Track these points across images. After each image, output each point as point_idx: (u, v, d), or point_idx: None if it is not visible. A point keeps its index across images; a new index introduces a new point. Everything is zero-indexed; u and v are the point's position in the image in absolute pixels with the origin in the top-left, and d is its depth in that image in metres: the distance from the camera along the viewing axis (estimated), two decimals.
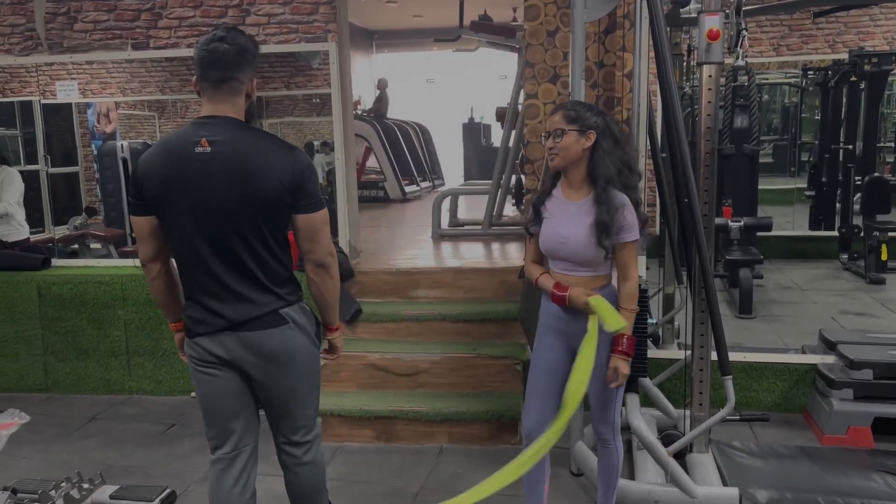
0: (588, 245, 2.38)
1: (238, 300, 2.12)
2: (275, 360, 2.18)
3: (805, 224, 6.54)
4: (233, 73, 2.09)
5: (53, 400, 4.47)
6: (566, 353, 2.52)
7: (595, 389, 2.52)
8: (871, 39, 6.12)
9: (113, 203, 5.86)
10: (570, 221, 2.42)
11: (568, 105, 2.48)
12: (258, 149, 2.08)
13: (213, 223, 2.07)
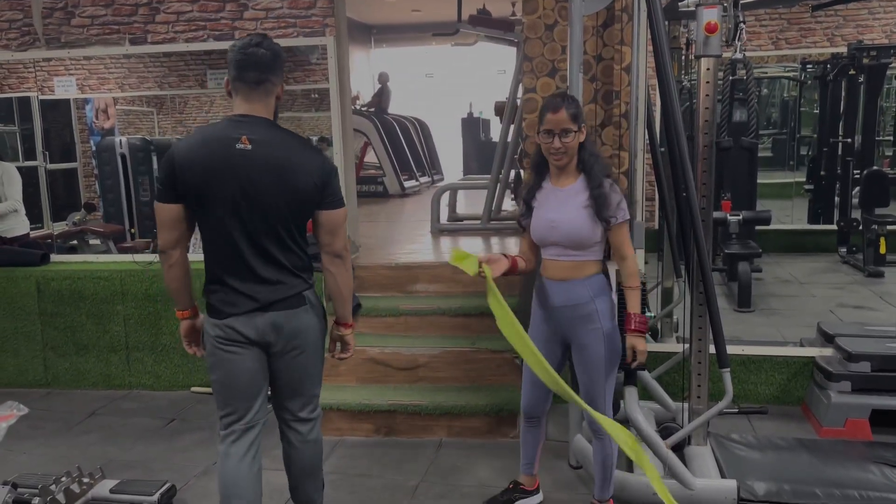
0: (581, 225, 2.46)
1: (267, 283, 2.29)
2: (296, 337, 2.35)
3: (804, 218, 6.55)
4: (268, 75, 2.27)
5: (53, 395, 4.48)
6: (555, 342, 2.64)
7: (583, 381, 2.60)
8: (870, 33, 6.11)
9: (112, 199, 5.86)
10: (561, 206, 2.51)
11: (567, 102, 2.50)
12: (293, 148, 2.28)
13: (250, 214, 2.23)
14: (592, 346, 2.54)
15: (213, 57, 5.04)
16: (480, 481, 3.19)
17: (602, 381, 2.57)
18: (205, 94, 5.80)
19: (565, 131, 2.46)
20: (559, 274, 2.55)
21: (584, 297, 2.53)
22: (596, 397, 2.59)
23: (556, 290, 2.56)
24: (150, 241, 5.63)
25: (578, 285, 2.53)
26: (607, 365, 2.56)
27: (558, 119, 2.46)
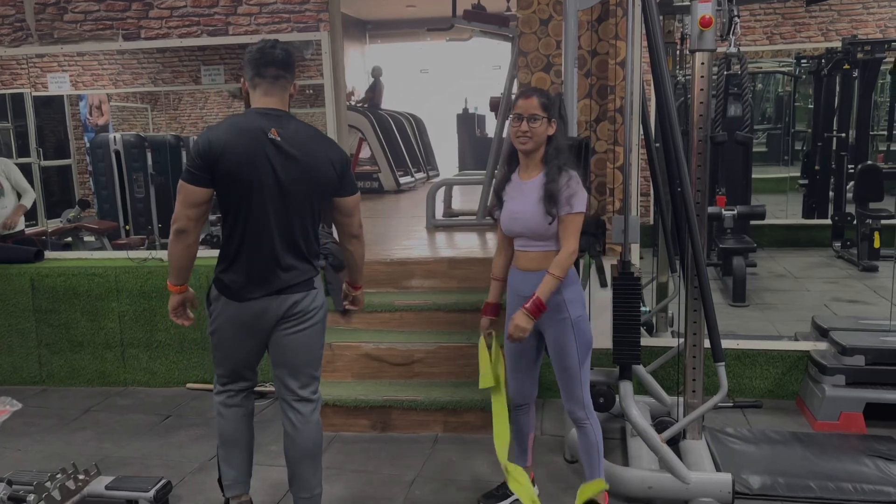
0: (536, 217, 2.51)
1: (285, 269, 2.46)
2: (304, 318, 2.52)
3: (798, 212, 6.55)
4: (284, 72, 2.47)
5: (48, 392, 4.47)
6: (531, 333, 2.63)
7: (557, 370, 2.66)
8: (864, 28, 6.11)
9: (106, 195, 5.85)
10: (523, 198, 2.58)
11: (542, 91, 2.61)
12: (315, 140, 2.48)
13: (281, 201, 2.41)
14: (562, 336, 2.60)
15: (208, 53, 5.02)
16: (476, 476, 3.19)
17: (576, 370, 2.62)
18: (199, 90, 5.78)
19: (533, 116, 2.52)
20: (528, 264, 2.61)
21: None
22: (572, 386, 2.64)
23: (525, 280, 2.61)
24: (144, 238, 5.62)
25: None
26: (579, 354, 2.61)
27: (528, 105, 2.53)
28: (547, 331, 2.64)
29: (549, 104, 2.55)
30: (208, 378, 4.41)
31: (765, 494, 2.90)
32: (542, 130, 2.54)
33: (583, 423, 2.67)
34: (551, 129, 2.56)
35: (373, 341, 3.89)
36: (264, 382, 4.28)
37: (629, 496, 2.90)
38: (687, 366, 3.14)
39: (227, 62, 5.15)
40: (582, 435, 2.71)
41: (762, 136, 7.19)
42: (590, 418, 2.67)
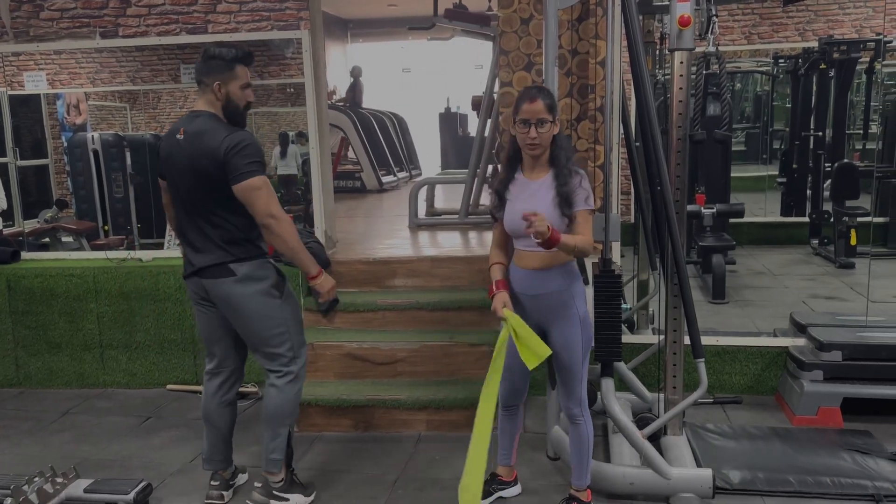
0: (551, 218, 2.47)
1: (197, 252, 2.76)
2: (225, 303, 2.77)
3: (777, 210, 6.62)
4: (201, 77, 2.73)
5: (25, 395, 4.41)
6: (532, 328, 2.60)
7: (560, 366, 2.67)
8: (840, 28, 6.19)
9: (84, 195, 5.77)
10: (533, 199, 2.54)
11: (543, 93, 2.53)
12: (204, 135, 2.66)
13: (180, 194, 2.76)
14: (569, 333, 2.60)
15: (187, 51, 4.97)
16: (459, 474, 3.17)
17: (579, 365, 2.63)
18: (178, 88, 5.73)
19: (541, 121, 2.49)
20: (534, 264, 2.59)
21: (561, 285, 2.59)
22: (573, 383, 2.65)
23: (532, 280, 2.60)
24: (123, 238, 5.56)
25: (554, 273, 2.58)
26: (583, 349, 2.63)
27: (534, 109, 2.48)
28: (553, 326, 2.63)
29: (554, 104, 2.53)
30: (189, 379, 4.38)
31: (744, 489, 2.93)
32: (550, 134, 2.53)
33: (578, 420, 2.69)
34: (556, 128, 2.54)
35: (355, 341, 3.88)
36: (247, 383, 4.26)
37: (611, 492, 2.92)
38: (667, 362, 3.16)
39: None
40: (575, 431, 2.72)
41: (741, 134, 7.26)
42: (584, 415, 2.69)
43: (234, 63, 2.72)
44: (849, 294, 5.15)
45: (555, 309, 2.60)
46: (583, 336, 2.62)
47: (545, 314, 2.62)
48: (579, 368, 2.64)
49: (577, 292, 2.62)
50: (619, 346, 3.04)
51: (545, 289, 2.59)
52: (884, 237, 5.87)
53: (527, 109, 2.49)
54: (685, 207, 3.09)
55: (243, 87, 2.75)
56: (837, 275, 5.58)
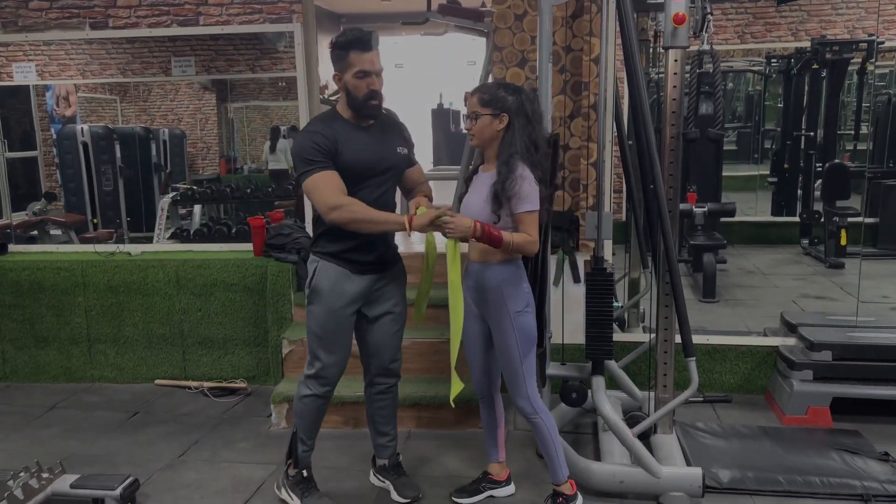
0: (481, 212, 2.52)
1: None
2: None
3: (767, 210, 6.64)
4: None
5: (12, 389, 4.37)
6: (478, 320, 2.72)
7: (500, 365, 2.70)
8: (833, 28, 6.21)
9: (73, 188, 5.72)
10: (476, 191, 2.61)
11: (484, 87, 2.61)
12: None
13: None
14: (502, 330, 2.61)
15: (178, 44, 4.93)
16: (449, 471, 3.19)
17: (517, 364, 2.62)
18: (169, 81, 5.68)
19: (473, 114, 2.54)
20: (476, 256, 2.65)
21: (494, 282, 2.60)
22: (515, 381, 2.65)
23: (472, 272, 2.67)
24: (112, 232, 5.52)
25: (490, 270, 2.61)
26: (520, 348, 2.61)
27: (470, 103, 2.57)
28: (490, 324, 2.67)
29: (494, 99, 2.51)
30: (177, 374, 4.35)
31: (734, 488, 2.94)
32: (486, 126, 2.53)
33: (532, 418, 2.68)
34: (500, 123, 2.52)
35: None
36: (234, 379, 4.24)
37: (601, 491, 2.91)
38: (658, 361, 3.16)
39: (198, 53, 5.06)
40: (534, 429, 2.72)
41: (733, 134, 7.28)
42: (539, 412, 2.68)
43: (347, 50, 2.52)
44: (839, 294, 5.17)
45: (489, 305, 2.63)
46: (518, 334, 2.60)
47: (484, 308, 2.66)
48: (519, 366, 2.62)
49: (511, 293, 2.59)
50: (611, 345, 3.04)
51: (481, 282, 2.63)
52: (874, 237, 5.90)
53: (468, 102, 2.59)
54: (678, 206, 3.09)
55: (358, 76, 2.53)
56: (827, 275, 5.60)
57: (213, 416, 3.86)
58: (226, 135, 6.12)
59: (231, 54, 5.29)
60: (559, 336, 3.44)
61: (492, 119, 2.52)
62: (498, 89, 2.55)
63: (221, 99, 5.99)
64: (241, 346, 4.27)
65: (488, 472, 2.96)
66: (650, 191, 2.98)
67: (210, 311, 4.25)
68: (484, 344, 2.76)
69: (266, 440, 3.54)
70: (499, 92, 2.53)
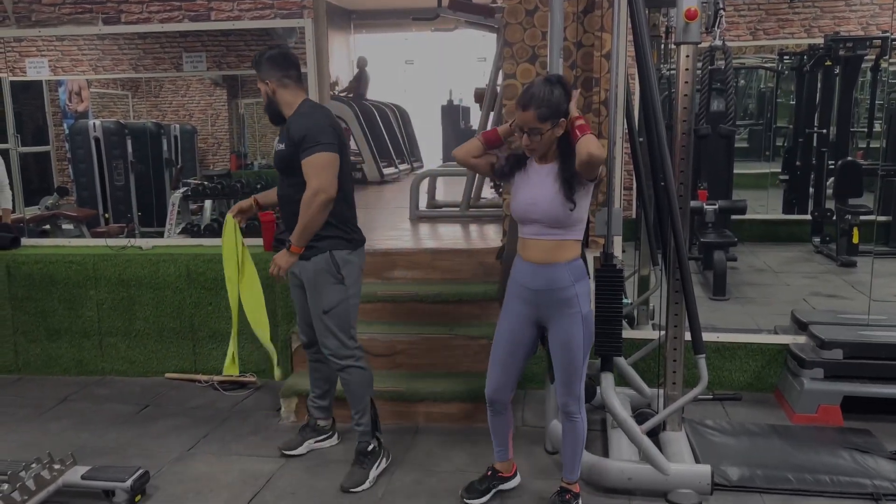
0: (555, 205, 2.46)
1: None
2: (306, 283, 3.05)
3: (779, 207, 6.61)
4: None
5: (24, 381, 4.40)
6: (530, 324, 2.64)
7: (560, 364, 2.62)
8: (847, 24, 6.16)
9: (85, 183, 5.76)
10: (541, 185, 2.50)
11: (538, 100, 2.38)
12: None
13: None
14: (571, 331, 2.55)
15: (190, 39, 4.95)
16: (457, 467, 3.19)
17: (580, 364, 2.60)
18: (180, 77, 5.71)
19: (533, 130, 2.43)
20: (540, 256, 2.54)
21: (566, 281, 2.53)
22: (572, 382, 2.61)
23: (536, 273, 2.55)
24: (124, 226, 5.55)
25: (560, 269, 2.53)
26: (585, 349, 2.59)
27: (525, 119, 2.42)
28: (554, 323, 2.58)
29: (551, 112, 2.39)
30: (188, 368, 4.37)
31: (743, 486, 2.93)
32: (550, 138, 2.45)
33: (575, 417, 2.66)
34: (559, 130, 2.44)
35: None
36: (244, 373, 4.26)
37: (609, 487, 2.91)
38: (667, 358, 3.15)
39: (209, 49, 5.08)
40: (571, 428, 2.69)
41: (744, 131, 7.24)
42: (581, 413, 2.66)
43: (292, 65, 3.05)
44: (850, 292, 5.14)
45: (558, 306, 2.55)
46: (584, 335, 2.57)
47: (547, 310, 2.57)
48: (580, 367, 2.60)
49: (583, 290, 2.56)
50: (620, 341, 3.03)
51: (550, 283, 2.53)
52: (886, 236, 5.85)
53: (519, 117, 2.44)
54: (688, 203, 3.07)
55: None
56: (839, 273, 5.57)
57: (223, 410, 3.88)
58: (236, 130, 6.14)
59: (242, 50, 5.30)
60: None
61: (553, 129, 2.43)
62: (551, 95, 2.39)
63: (232, 95, 6.01)
64: (251, 340, 4.28)
65: (497, 470, 2.95)
66: (661, 188, 2.97)
67: (220, 305, 4.27)
68: (529, 351, 2.70)
69: (275, 434, 3.55)
70: (552, 99, 2.38)
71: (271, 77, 2.96)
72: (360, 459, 3.09)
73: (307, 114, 2.94)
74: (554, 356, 2.63)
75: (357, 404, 3.12)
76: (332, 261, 2.96)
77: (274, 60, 2.95)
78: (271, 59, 2.95)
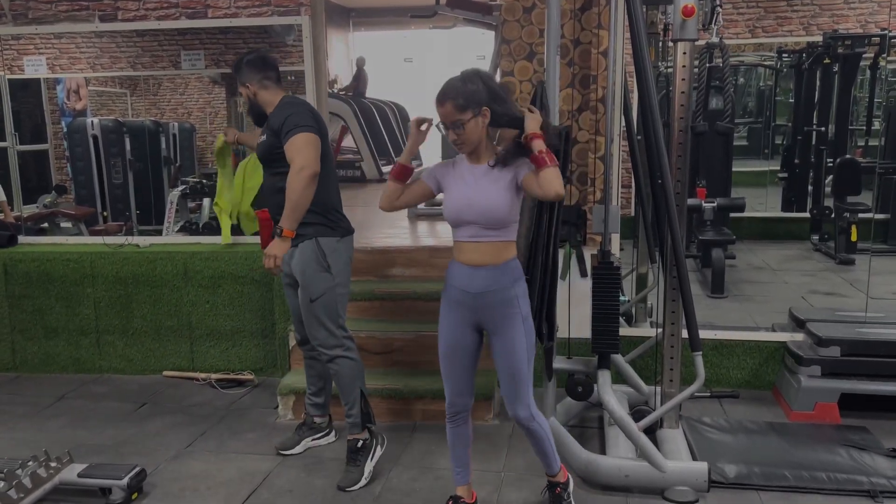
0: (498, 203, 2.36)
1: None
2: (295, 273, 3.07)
3: (777, 205, 6.60)
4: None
5: (21, 380, 4.40)
6: (472, 329, 2.52)
7: (505, 368, 2.48)
8: (845, 22, 6.15)
9: (83, 181, 5.76)
10: (476, 185, 2.40)
11: (452, 91, 2.34)
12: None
13: None
14: (513, 333, 2.44)
15: (188, 37, 4.94)
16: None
17: (525, 367, 2.47)
18: (179, 75, 5.70)
19: (455, 123, 2.34)
20: (478, 258, 2.43)
21: (506, 282, 2.43)
22: (519, 388, 2.48)
23: (473, 276, 2.43)
24: (122, 225, 5.55)
25: (500, 270, 2.43)
26: (529, 352, 2.47)
27: (444, 113, 2.35)
28: (495, 328, 2.46)
29: (468, 99, 2.31)
30: (185, 366, 4.37)
31: (740, 483, 2.93)
32: (475, 128, 2.35)
33: (530, 425, 2.53)
34: (484, 118, 2.36)
35: (352, 329, 3.84)
36: (241, 370, 4.26)
37: (605, 484, 2.91)
38: (665, 355, 3.15)
39: (207, 47, 5.07)
40: (530, 435, 2.58)
41: (743, 129, 7.24)
42: (535, 417, 2.54)
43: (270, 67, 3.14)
44: (848, 290, 5.14)
45: (499, 307, 2.43)
46: (526, 337, 2.46)
47: (487, 313, 2.45)
48: (525, 371, 2.46)
49: (521, 291, 2.46)
50: (617, 339, 3.03)
51: (490, 286, 2.42)
52: (884, 234, 5.85)
53: (440, 113, 2.37)
54: (686, 201, 3.07)
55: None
56: (837, 271, 5.56)
57: (221, 408, 3.88)
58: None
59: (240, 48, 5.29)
60: (565, 330, 3.43)
61: (476, 118, 2.34)
62: (465, 85, 2.34)
63: (231, 93, 6.00)
64: (249, 338, 4.29)
65: (459, 497, 2.72)
66: (658, 185, 2.97)
67: (218, 303, 4.27)
68: (475, 357, 2.58)
69: (273, 431, 3.55)
70: (467, 88, 2.33)
71: (252, 80, 3.06)
72: (353, 457, 3.08)
73: (286, 104, 3.03)
74: (498, 364, 2.50)
75: (347, 396, 3.11)
76: (317, 248, 2.98)
77: (253, 64, 3.06)
78: (250, 63, 3.06)
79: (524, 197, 2.50)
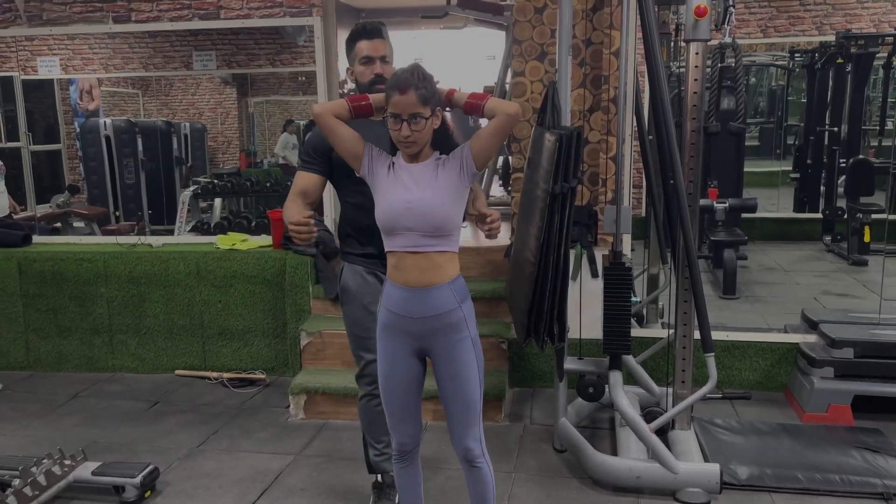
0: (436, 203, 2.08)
1: None
2: None
3: (790, 206, 6.58)
4: None
5: (35, 378, 4.44)
6: (414, 358, 2.22)
7: (456, 397, 2.18)
8: (859, 21, 6.12)
9: (96, 181, 5.81)
10: (416, 185, 2.10)
11: (414, 80, 2.03)
12: None
13: None
14: (462, 358, 2.15)
15: (200, 38, 4.97)
16: None
17: (476, 398, 2.19)
18: (190, 75, 5.74)
19: (415, 116, 2.03)
20: (417, 277, 2.10)
21: (452, 303, 2.12)
22: (471, 418, 2.19)
23: (415, 299, 2.11)
24: (134, 224, 5.59)
25: (444, 290, 2.11)
26: (480, 378, 2.19)
27: (405, 102, 2.01)
28: (440, 354, 2.16)
29: (430, 94, 2.04)
30: (197, 365, 4.39)
31: (752, 485, 2.91)
32: (428, 129, 2.07)
33: (478, 462, 2.22)
34: (437, 120, 2.10)
35: None
36: (253, 370, 4.28)
37: (617, 486, 2.91)
38: (676, 356, 3.14)
39: (219, 48, 5.10)
40: (476, 475, 2.24)
41: (755, 129, 7.21)
42: (485, 455, 2.24)
43: (354, 41, 2.57)
44: (861, 291, 5.11)
45: (444, 332, 2.13)
46: (477, 362, 2.17)
47: (431, 339, 2.14)
48: (477, 400, 2.18)
49: (469, 312, 2.16)
50: (629, 339, 3.02)
51: (433, 309, 2.11)
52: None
53: (397, 102, 2.02)
54: (698, 201, 3.06)
55: (363, 62, 2.55)
56: (850, 272, 5.53)
57: (232, 407, 3.90)
58: (246, 129, 6.17)
59: (252, 49, 5.33)
60: (576, 331, 3.43)
61: (432, 118, 2.08)
62: (425, 79, 2.06)
63: (242, 93, 6.04)
64: (260, 338, 4.31)
65: None
66: (670, 186, 2.96)
67: (230, 302, 4.29)
68: (420, 386, 2.28)
69: (284, 431, 3.57)
70: (431, 80, 2.07)
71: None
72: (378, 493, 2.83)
73: None
74: (445, 393, 2.19)
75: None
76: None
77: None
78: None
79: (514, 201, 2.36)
